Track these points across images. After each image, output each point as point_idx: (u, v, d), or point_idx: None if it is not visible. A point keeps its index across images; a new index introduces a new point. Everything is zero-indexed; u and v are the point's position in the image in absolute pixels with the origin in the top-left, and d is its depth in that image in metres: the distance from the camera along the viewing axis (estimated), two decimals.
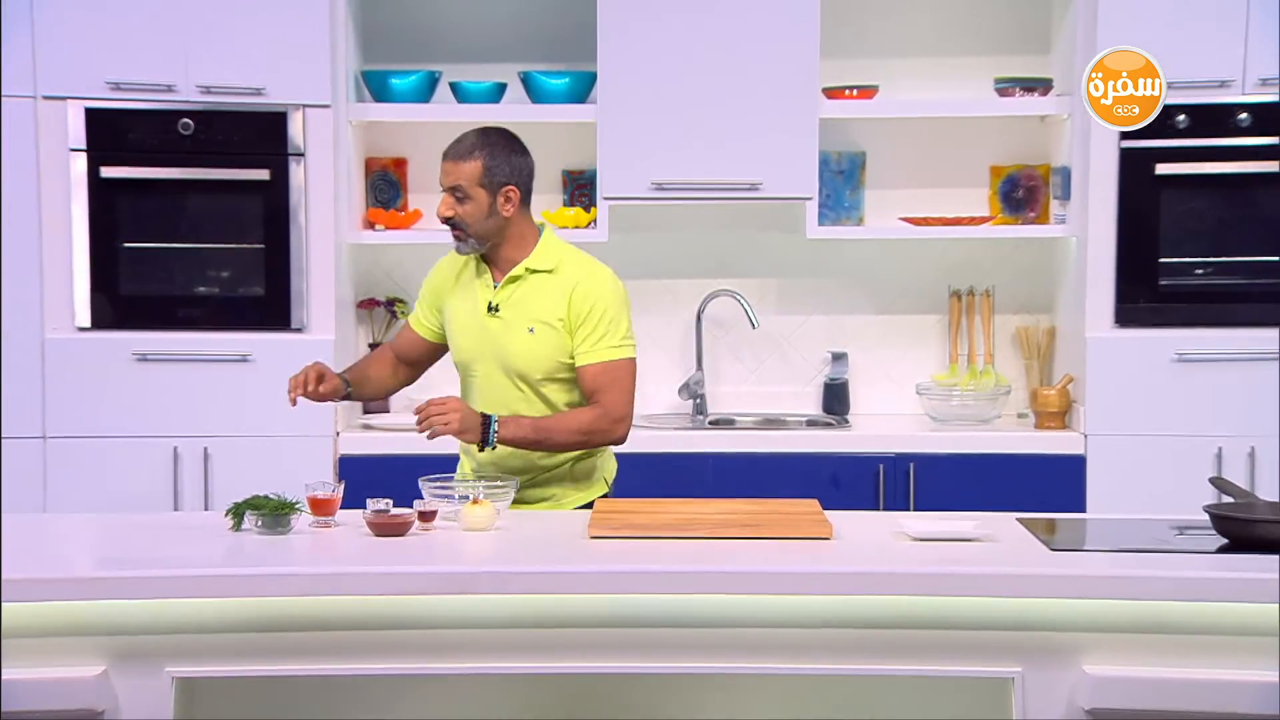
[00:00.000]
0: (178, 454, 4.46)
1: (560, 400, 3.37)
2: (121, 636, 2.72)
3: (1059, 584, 2.71)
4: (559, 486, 3.42)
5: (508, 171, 3.31)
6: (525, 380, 3.35)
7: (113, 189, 4.45)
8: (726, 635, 2.77)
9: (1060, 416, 4.61)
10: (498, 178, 3.30)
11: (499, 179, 3.30)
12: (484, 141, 3.31)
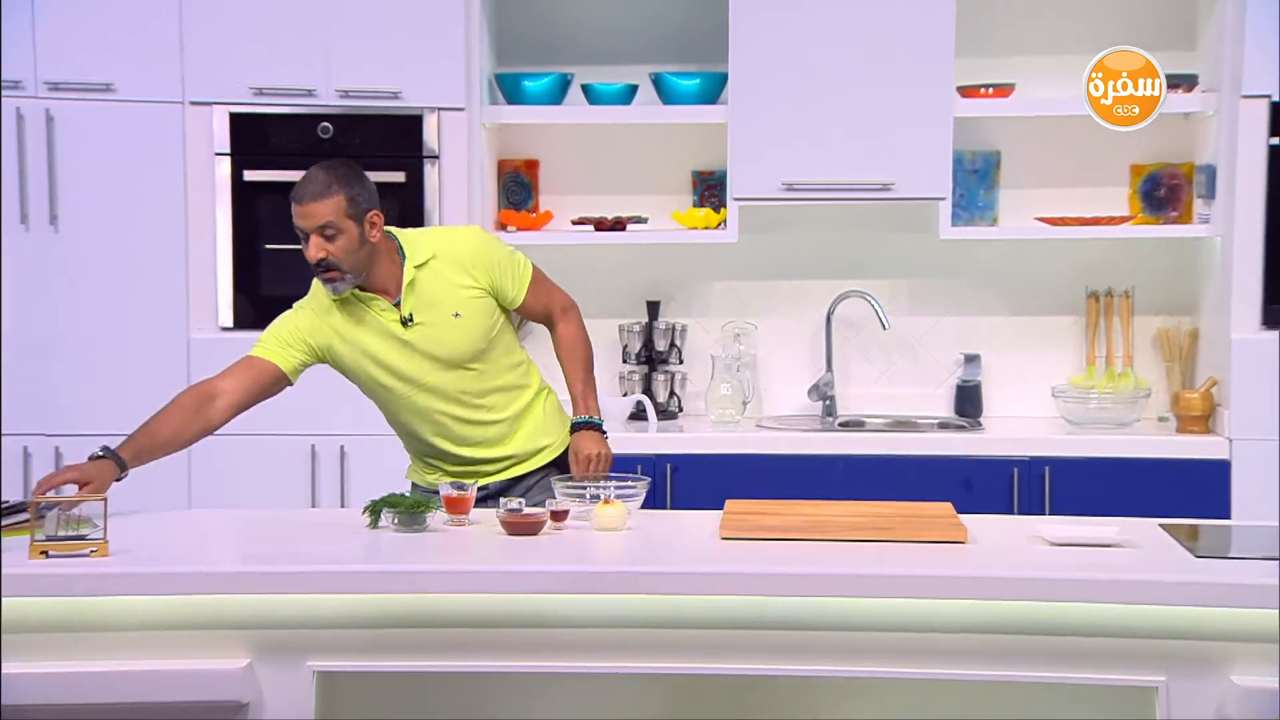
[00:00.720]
0: (315, 452, 4.54)
1: (504, 359, 3.41)
2: (265, 630, 2.77)
3: (1205, 591, 2.65)
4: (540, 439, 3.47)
5: (367, 197, 3.27)
6: (472, 360, 3.36)
7: (255, 192, 4.55)
8: (861, 639, 2.75)
9: (1203, 420, 4.50)
10: (361, 206, 3.25)
11: (363, 207, 3.26)
12: (336, 175, 3.24)
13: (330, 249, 3.25)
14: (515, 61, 4.90)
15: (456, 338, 3.34)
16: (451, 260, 3.35)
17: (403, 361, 3.35)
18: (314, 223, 3.24)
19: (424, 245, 3.37)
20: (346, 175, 3.27)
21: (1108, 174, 4.80)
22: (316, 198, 3.24)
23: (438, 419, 3.39)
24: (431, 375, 3.36)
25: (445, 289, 3.34)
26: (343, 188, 3.24)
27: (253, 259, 4.57)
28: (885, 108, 4.53)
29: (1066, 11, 4.79)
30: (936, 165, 4.53)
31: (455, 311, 3.34)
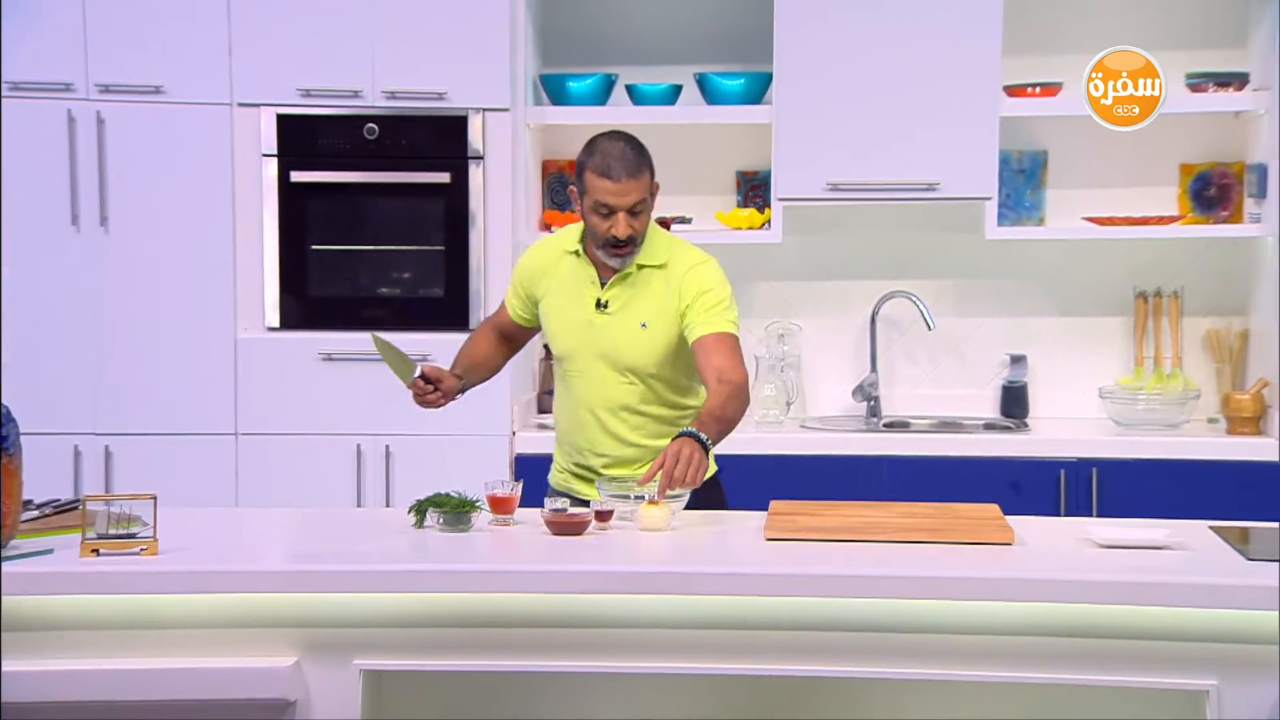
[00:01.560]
0: (360, 451, 4.57)
1: (664, 389, 3.36)
2: (312, 629, 2.79)
3: (1257, 595, 2.61)
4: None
5: (654, 169, 3.31)
6: (635, 373, 3.33)
7: (302, 193, 4.58)
8: (906, 641, 2.73)
9: (1254, 422, 4.45)
10: (654, 180, 3.31)
11: (655, 181, 3.31)
12: (640, 151, 3.27)
13: (636, 226, 3.28)
14: (560, 62, 4.91)
15: (631, 345, 3.33)
16: (672, 276, 3.33)
17: (581, 339, 3.36)
18: (629, 200, 3.26)
19: (661, 250, 3.36)
20: (644, 148, 3.31)
21: (1157, 173, 4.76)
22: (633, 175, 3.26)
23: (587, 414, 3.38)
24: (597, 366, 3.35)
25: (650, 296, 3.33)
26: (647, 162, 3.30)
27: (299, 259, 4.60)
28: (931, 107, 4.51)
29: (1115, 10, 4.75)
30: (983, 165, 4.51)
31: (644, 321, 3.32)
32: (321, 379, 4.56)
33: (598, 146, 3.30)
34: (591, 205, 3.29)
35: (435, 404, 3.43)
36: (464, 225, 4.57)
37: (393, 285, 4.66)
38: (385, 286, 4.66)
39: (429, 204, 4.60)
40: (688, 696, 2.92)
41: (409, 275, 4.65)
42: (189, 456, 4.51)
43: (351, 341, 4.57)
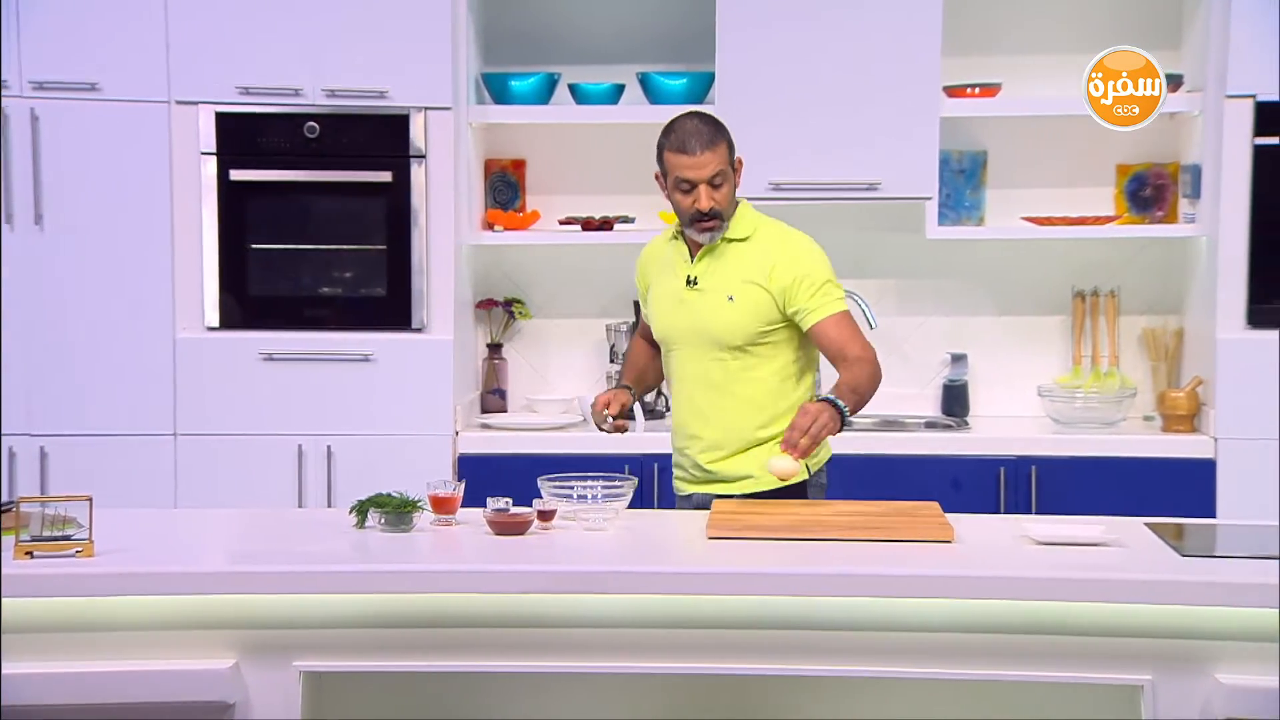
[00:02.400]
0: (302, 452, 4.54)
1: (757, 367, 3.34)
2: (251, 630, 2.77)
3: (1190, 590, 2.65)
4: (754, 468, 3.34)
5: (734, 144, 3.34)
6: (724, 348, 3.33)
7: (241, 191, 4.54)
8: (847, 638, 2.75)
9: (1189, 419, 4.51)
10: (733, 154, 3.33)
11: (734, 154, 3.34)
12: (715, 123, 3.31)
13: (717, 198, 3.29)
14: (502, 61, 4.90)
15: (718, 319, 3.33)
16: (760, 250, 3.33)
17: (674, 317, 3.39)
18: (707, 173, 3.27)
19: (748, 224, 3.37)
20: (720, 123, 3.33)
21: (1094, 174, 4.81)
22: (708, 147, 3.27)
23: (684, 395, 3.39)
24: (689, 343, 3.36)
25: (736, 269, 3.33)
26: (723, 135, 3.32)
27: (239, 258, 4.56)
28: (872, 108, 4.54)
29: (1053, 11, 4.80)
30: (923, 165, 4.54)
31: (730, 295, 3.33)
32: (262, 379, 4.53)
33: (674, 126, 3.33)
34: (674, 184, 3.32)
35: (622, 429, 3.41)
36: (406, 224, 4.55)
37: (334, 285, 4.63)
38: (327, 286, 4.63)
39: (371, 203, 4.58)
40: (631, 696, 2.92)
41: (351, 275, 4.62)
42: (126, 458, 4.46)
43: (292, 341, 4.55)
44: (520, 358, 5.03)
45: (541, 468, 3.42)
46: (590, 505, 3.09)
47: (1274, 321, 4.38)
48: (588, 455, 4.41)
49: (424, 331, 4.57)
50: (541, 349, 5.03)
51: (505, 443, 4.59)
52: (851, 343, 3.29)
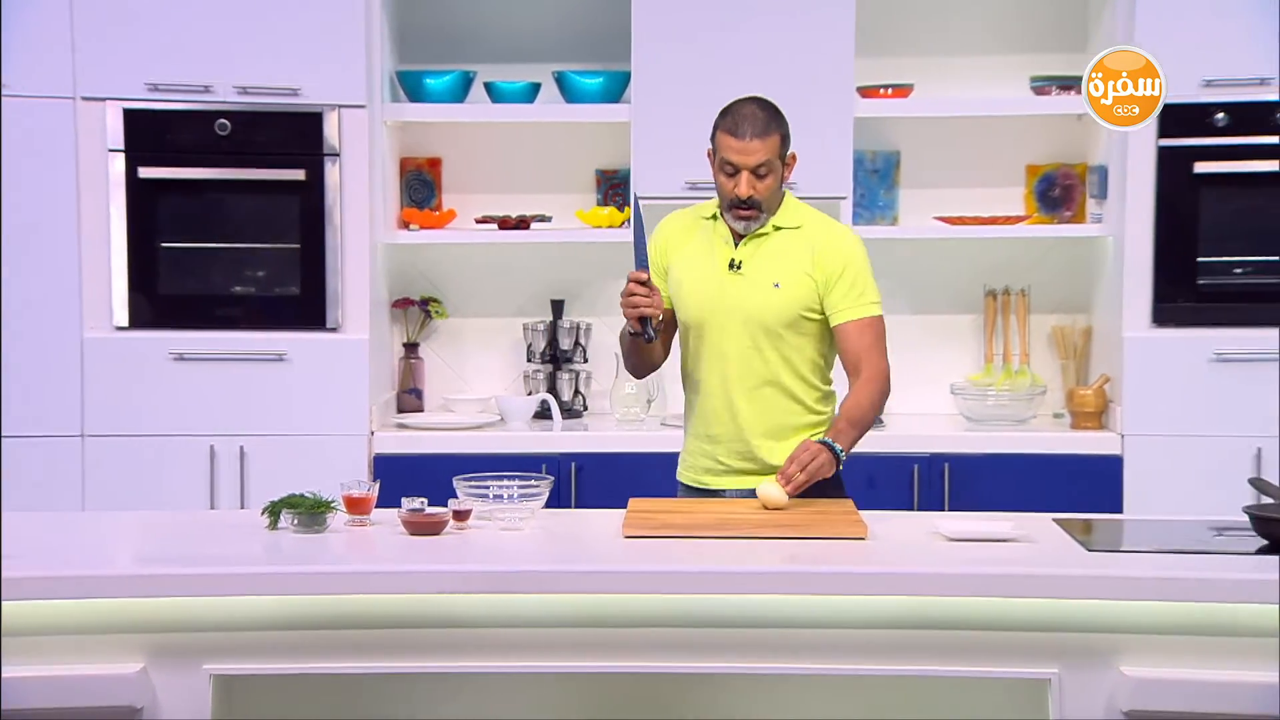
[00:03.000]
0: (214, 452, 4.48)
1: (794, 351, 3.31)
2: (160, 634, 2.73)
3: (1096, 585, 2.70)
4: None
5: (789, 136, 3.29)
6: (765, 332, 3.29)
7: (151, 189, 4.48)
8: (761, 636, 2.77)
9: (1097, 417, 4.59)
10: (788, 146, 3.28)
11: (787, 148, 3.29)
12: (772, 113, 3.25)
13: (759, 187, 3.24)
14: (417, 59, 4.87)
15: (764, 304, 3.28)
16: (808, 239, 3.29)
17: (714, 299, 3.30)
18: (753, 160, 3.22)
19: (797, 213, 3.34)
20: (779, 112, 3.27)
21: (1004, 174, 4.88)
22: (760, 135, 3.21)
23: (717, 384, 3.31)
24: (729, 327, 3.29)
25: (784, 257, 3.29)
26: (779, 126, 3.25)
27: (149, 257, 4.50)
28: (786, 107, 4.48)
29: (964, 13, 4.86)
30: (837, 165, 4.58)
31: (776, 281, 3.28)
32: (173, 379, 4.47)
33: (732, 107, 3.28)
34: (720, 164, 3.27)
35: (642, 308, 3.23)
36: (320, 223, 4.51)
37: (247, 284, 4.58)
38: (239, 285, 4.58)
39: (284, 201, 4.53)
40: (547, 695, 2.92)
41: (264, 274, 4.57)
42: (32, 459, 4.38)
43: (204, 341, 4.50)
44: (437, 357, 5.01)
45: (458, 467, 3.40)
46: (506, 505, 3.08)
47: (1178, 320, 4.46)
48: (505, 455, 4.42)
49: (339, 331, 4.54)
50: (458, 348, 5.01)
51: (422, 443, 4.56)
52: (870, 354, 3.27)
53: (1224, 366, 4.41)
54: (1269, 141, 4.37)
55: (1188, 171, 4.42)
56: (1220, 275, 4.47)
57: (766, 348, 3.31)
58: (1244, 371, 4.40)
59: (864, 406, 3.27)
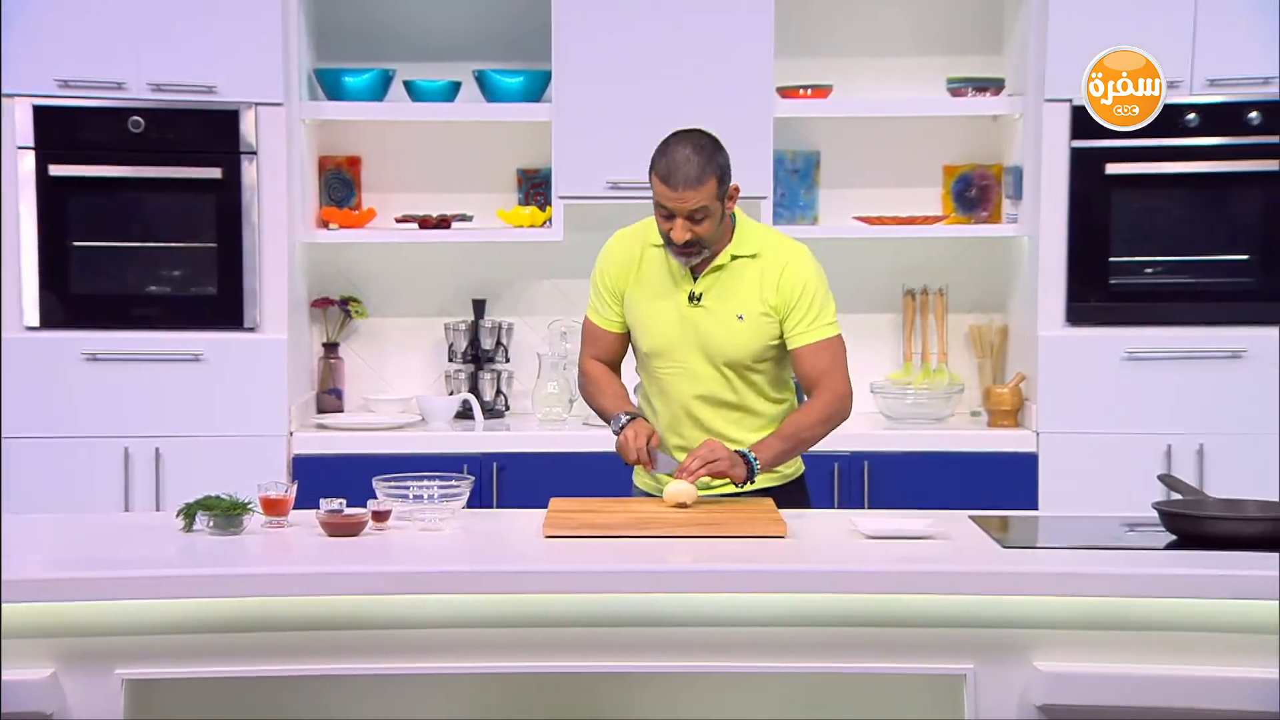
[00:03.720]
0: (129, 454, 4.42)
1: (762, 381, 3.30)
2: (71, 638, 2.69)
3: (1010, 581, 2.73)
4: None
5: (728, 171, 3.20)
6: (731, 366, 3.27)
7: (62, 187, 4.41)
8: (680, 634, 2.77)
9: (1013, 415, 4.65)
10: (726, 185, 3.20)
11: (727, 186, 3.20)
12: (707, 157, 3.14)
13: (697, 230, 3.17)
14: (335, 57, 4.83)
15: (728, 338, 3.25)
16: (768, 267, 3.25)
17: (674, 334, 3.27)
18: (686, 208, 3.15)
19: (753, 240, 3.28)
20: (714, 152, 3.17)
21: (923, 174, 4.93)
22: (692, 185, 3.13)
23: (683, 412, 3.29)
24: (693, 361, 3.27)
25: (745, 288, 3.25)
26: (714, 168, 3.15)
27: (60, 256, 4.43)
28: (707, 107, 4.57)
29: (882, 15, 4.90)
30: (758, 164, 4.59)
31: (740, 314, 3.25)
32: (86, 380, 4.41)
33: (666, 148, 3.19)
34: (655, 205, 3.22)
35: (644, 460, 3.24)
36: (237, 221, 4.46)
37: (162, 283, 4.52)
38: (154, 284, 4.52)
39: (200, 200, 4.48)
40: (467, 696, 2.91)
41: (179, 273, 4.52)
42: None
43: (118, 341, 4.43)
44: (357, 357, 4.97)
45: (379, 468, 3.38)
46: (426, 505, 3.07)
47: (1091, 319, 4.54)
48: (426, 455, 4.39)
49: (256, 330, 4.49)
50: (379, 348, 4.98)
51: (342, 443, 4.53)
52: (828, 376, 3.25)
53: (1135, 365, 4.49)
54: (1179, 143, 4.45)
55: (1100, 173, 4.49)
56: (1131, 275, 4.54)
57: (734, 379, 3.30)
58: (1154, 370, 4.48)
59: (803, 425, 3.26)
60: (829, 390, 3.27)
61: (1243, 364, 4.47)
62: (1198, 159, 4.48)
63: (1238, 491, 3.44)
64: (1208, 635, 2.71)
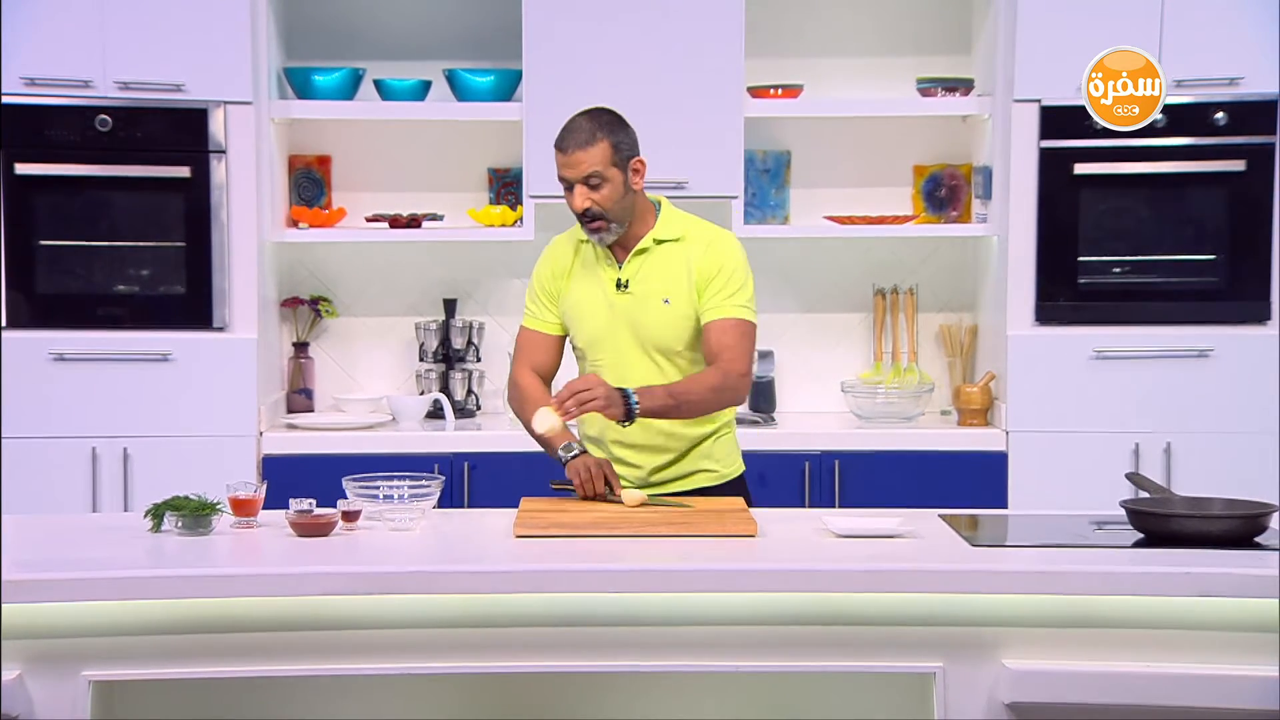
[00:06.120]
0: (96, 455, 4.39)
1: (692, 365, 3.30)
2: (37, 640, 2.67)
3: (979, 579, 2.74)
4: (701, 463, 3.35)
5: (631, 143, 3.24)
6: (662, 352, 3.28)
7: (28, 186, 4.38)
8: (651, 633, 2.77)
9: (982, 414, 4.67)
10: (625, 153, 3.22)
11: (626, 154, 3.23)
12: (600, 122, 3.21)
13: (595, 198, 3.20)
14: (305, 56, 4.81)
15: (656, 323, 3.26)
16: (690, 249, 3.27)
17: (606, 324, 3.28)
18: (580, 171, 3.18)
19: (678, 225, 3.31)
20: (610, 122, 3.22)
21: (893, 174, 4.94)
22: (582, 146, 3.18)
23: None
24: (624, 349, 3.27)
25: (669, 271, 3.27)
26: (607, 134, 3.20)
27: (26, 255, 4.40)
28: (678, 106, 4.59)
29: (852, 15, 4.92)
30: (728, 164, 4.60)
31: (666, 298, 3.26)
32: (53, 380, 4.38)
33: (566, 123, 3.25)
34: (559, 180, 3.25)
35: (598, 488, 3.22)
36: (206, 221, 4.45)
37: (130, 283, 4.50)
38: (122, 284, 4.49)
39: (168, 199, 4.46)
40: (438, 696, 2.90)
41: (148, 272, 4.49)
42: None
43: (85, 341, 4.41)
44: (327, 357, 4.96)
45: (349, 468, 3.37)
46: (396, 505, 3.06)
47: (1059, 318, 4.56)
48: (397, 455, 4.38)
49: (225, 330, 4.47)
50: (349, 348, 4.96)
51: (312, 443, 4.51)
52: (730, 353, 3.22)
53: (1103, 364, 4.52)
54: (1146, 144, 4.48)
55: (1068, 173, 4.52)
56: (1100, 274, 4.57)
57: (667, 366, 3.31)
58: (1123, 369, 4.51)
59: (692, 388, 3.21)
60: (728, 364, 3.23)
61: (1210, 363, 4.50)
62: (1165, 159, 4.51)
63: (1205, 490, 3.47)
64: (1174, 633, 2.73)
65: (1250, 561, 2.76)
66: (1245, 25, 4.44)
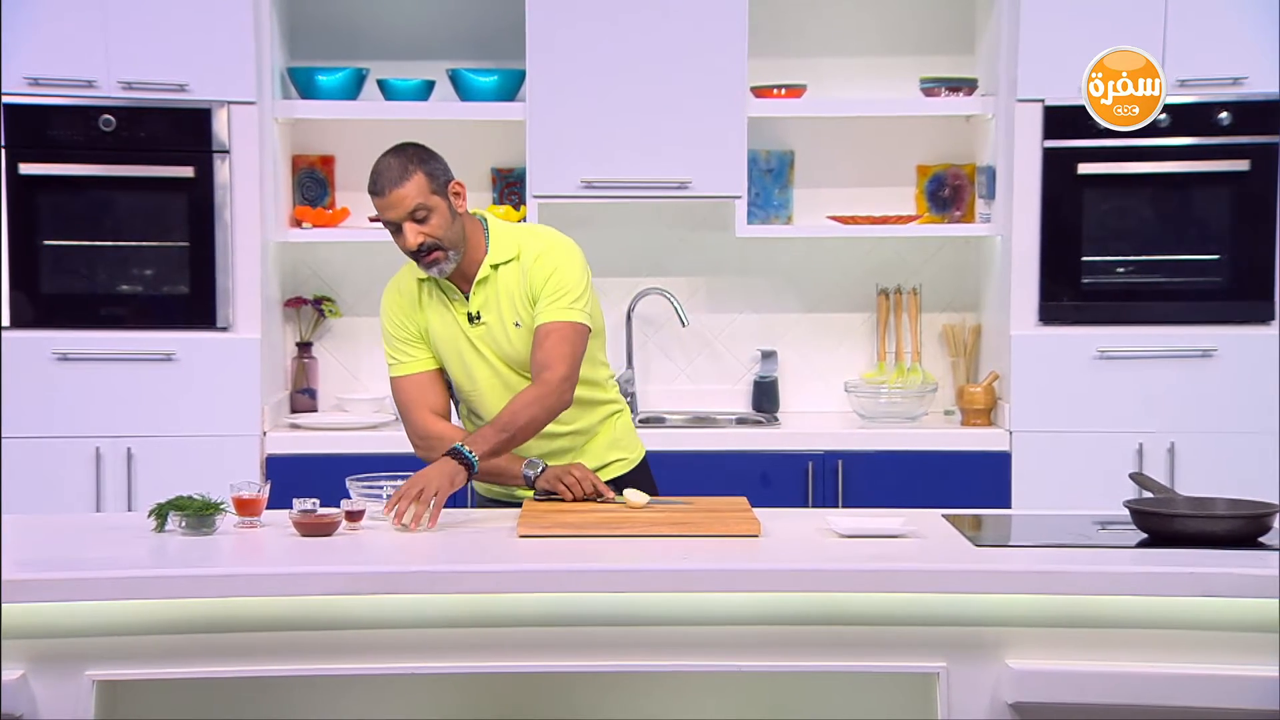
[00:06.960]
0: (100, 454, 4.40)
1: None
2: (40, 639, 2.67)
3: (983, 579, 2.74)
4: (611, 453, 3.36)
5: (443, 169, 3.24)
6: (530, 373, 3.26)
7: (32, 186, 4.38)
8: (654, 633, 2.77)
9: (986, 414, 4.66)
10: (441, 179, 3.21)
11: (443, 179, 3.21)
12: (409, 155, 3.19)
13: (425, 230, 3.16)
14: (308, 55, 4.82)
15: (514, 346, 3.25)
16: (525, 266, 3.24)
17: (470, 358, 3.27)
18: (404, 209, 3.15)
19: (510, 243, 3.27)
20: (418, 154, 3.20)
21: (896, 174, 4.94)
22: (397, 184, 3.15)
23: None
24: (493, 378, 3.27)
25: (512, 294, 3.25)
26: (419, 165, 3.18)
27: (30, 255, 4.40)
28: (681, 106, 4.59)
29: (853, 15, 4.91)
30: (731, 164, 4.60)
31: (515, 320, 3.25)
32: (57, 380, 4.38)
33: (374, 167, 3.23)
34: (384, 226, 3.22)
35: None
36: (210, 221, 4.45)
37: (134, 282, 4.50)
38: (126, 284, 4.50)
39: (172, 199, 4.46)
40: (441, 696, 2.90)
41: (151, 272, 4.49)
42: None
43: (89, 341, 4.41)
44: (330, 357, 4.96)
45: (352, 468, 3.38)
46: None
47: (1063, 318, 4.56)
48: (399, 455, 4.36)
49: (229, 330, 4.47)
50: (352, 348, 4.96)
51: (315, 443, 4.52)
52: (555, 360, 3.18)
53: (1107, 364, 4.52)
54: (1150, 144, 4.47)
55: (1072, 172, 4.52)
56: (1103, 274, 4.57)
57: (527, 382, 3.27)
58: (1126, 368, 4.51)
59: (516, 411, 3.14)
60: (548, 373, 3.17)
61: (1213, 363, 4.50)
62: (1169, 159, 4.51)
63: (1208, 490, 3.47)
64: (1178, 633, 2.73)
65: (1254, 562, 2.76)
66: (1249, 25, 4.44)
